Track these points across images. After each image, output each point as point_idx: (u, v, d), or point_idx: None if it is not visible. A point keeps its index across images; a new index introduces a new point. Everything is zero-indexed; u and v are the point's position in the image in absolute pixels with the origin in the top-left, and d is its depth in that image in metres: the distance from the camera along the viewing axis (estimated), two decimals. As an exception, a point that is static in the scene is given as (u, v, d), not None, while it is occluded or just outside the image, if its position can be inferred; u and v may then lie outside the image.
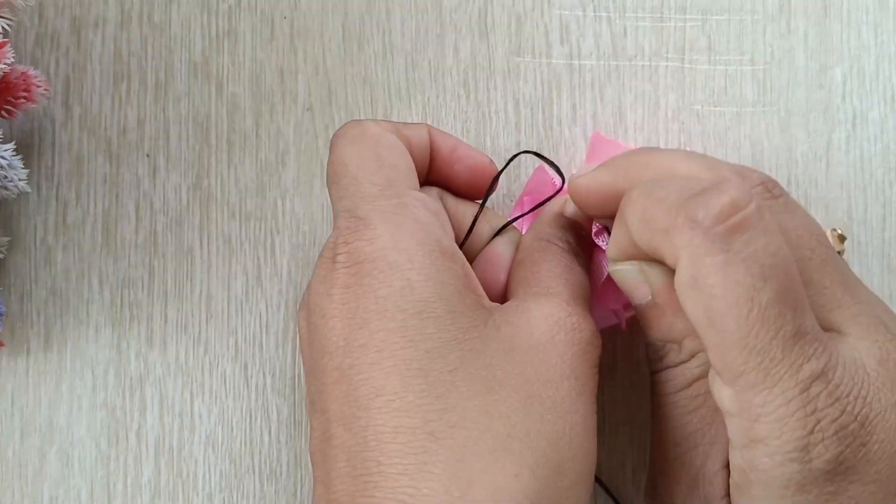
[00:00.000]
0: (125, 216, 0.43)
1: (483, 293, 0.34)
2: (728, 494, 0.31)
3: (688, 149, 0.43)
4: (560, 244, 0.36)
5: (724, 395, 0.30)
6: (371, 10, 0.43)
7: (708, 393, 0.32)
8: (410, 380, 0.30)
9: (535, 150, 0.43)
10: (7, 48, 0.37)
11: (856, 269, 0.43)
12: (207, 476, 0.42)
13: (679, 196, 0.29)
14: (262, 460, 0.42)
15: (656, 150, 0.37)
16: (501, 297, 0.36)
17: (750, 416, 0.29)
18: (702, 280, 0.28)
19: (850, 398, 0.28)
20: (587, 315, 0.34)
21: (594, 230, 0.37)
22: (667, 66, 0.43)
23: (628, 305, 0.38)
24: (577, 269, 0.35)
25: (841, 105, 0.43)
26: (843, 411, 0.28)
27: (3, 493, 0.42)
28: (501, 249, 0.37)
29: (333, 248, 0.33)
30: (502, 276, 0.36)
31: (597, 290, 0.37)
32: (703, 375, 0.33)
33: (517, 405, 0.30)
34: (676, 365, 0.33)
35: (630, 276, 0.33)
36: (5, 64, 0.37)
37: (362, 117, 0.43)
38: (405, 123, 0.37)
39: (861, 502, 0.29)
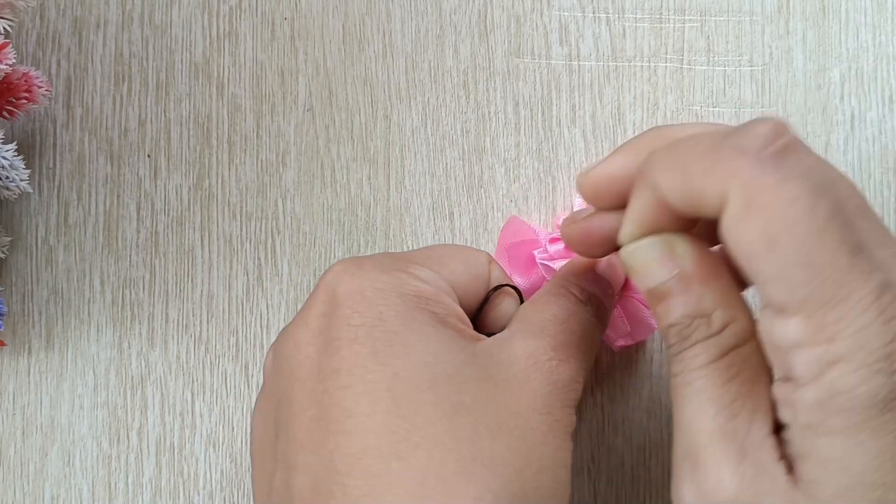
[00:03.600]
0: (126, 216, 0.43)
1: (468, 325, 0.34)
2: (782, 458, 0.30)
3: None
4: (577, 294, 0.35)
5: (788, 328, 0.28)
6: (371, 11, 0.44)
7: (744, 361, 0.31)
8: (378, 402, 0.30)
9: (534, 150, 0.43)
10: (8, 49, 0.37)
11: (854, 269, 0.43)
12: (208, 475, 0.42)
13: (712, 138, 0.29)
14: (263, 459, 0.42)
15: (668, 125, 0.35)
16: None
17: (825, 336, 0.27)
18: (758, 202, 0.27)
19: None
20: (572, 363, 0.33)
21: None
22: (666, 66, 0.44)
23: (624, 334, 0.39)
24: (585, 320, 0.35)
25: (839, 106, 0.44)
26: None
27: (4, 492, 0.42)
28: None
29: (315, 291, 0.34)
30: None
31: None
32: (740, 344, 0.31)
33: (484, 431, 0.30)
34: (707, 338, 0.31)
35: (654, 252, 0.31)
36: (7, 65, 0.37)
37: (363, 118, 0.43)
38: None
39: None
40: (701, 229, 0.32)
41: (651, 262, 0.31)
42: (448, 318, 0.33)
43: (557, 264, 0.39)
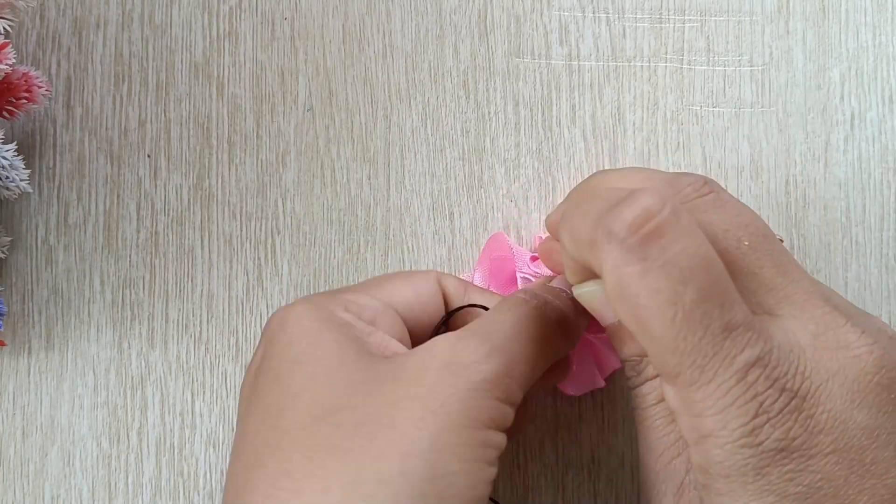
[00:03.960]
0: (126, 216, 0.43)
1: (402, 341, 0.35)
2: None
3: (684, 150, 0.43)
4: (523, 296, 0.36)
5: (669, 394, 0.30)
6: (371, 11, 0.44)
7: None
8: (265, 419, 0.33)
9: (534, 150, 0.43)
10: (8, 49, 0.37)
11: (853, 269, 0.43)
12: (208, 475, 0.42)
13: (599, 210, 0.30)
14: (263, 459, 0.42)
15: (608, 170, 0.38)
16: None
17: (694, 412, 0.29)
18: (625, 290, 0.29)
19: (789, 376, 0.29)
20: (497, 357, 0.33)
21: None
22: (666, 66, 0.44)
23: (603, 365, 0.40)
24: (524, 317, 0.35)
25: (839, 106, 0.44)
26: (783, 389, 0.29)
27: (4, 492, 0.42)
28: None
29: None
30: None
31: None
32: None
33: (347, 426, 0.31)
34: (655, 377, 0.33)
35: (596, 297, 0.33)
36: (7, 65, 0.37)
37: (363, 118, 0.43)
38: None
39: (827, 475, 0.29)
40: None
41: (597, 304, 0.33)
42: (365, 337, 0.34)
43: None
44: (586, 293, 0.33)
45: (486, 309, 0.37)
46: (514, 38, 0.44)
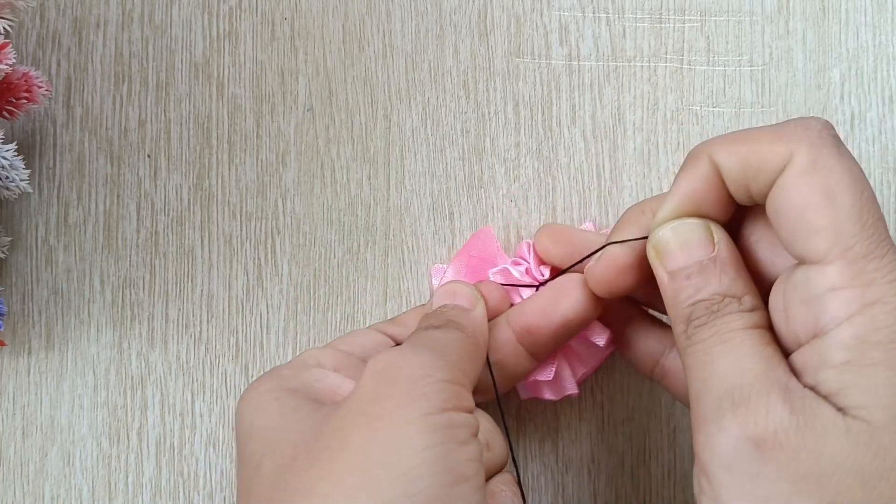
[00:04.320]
0: (126, 216, 0.43)
1: (332, 394, 0.35)
2: (825, 398, 0.32)
3: (684, 150, 0.43)
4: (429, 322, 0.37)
5: (828, 274, 0.31)
6: (371, 11, 0.44)
7: (772, 340, 0.33)
8: (240, 490, 0.34)
9: (534, 150, 0.43)
10: (8, 49, 0.37)
11: (854, 269, 0.43)
12: (208, 475, 0.43)
13: (775, 124, 0.34)
14: (263, 459, 0.42)
15: (649, 199, 0.39)
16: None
17: (864, 281, 0.31)
18: (822, 163, 0.32)
19: None
20: (417, 349, 0.34)
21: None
22: (666, 66, 0.44)
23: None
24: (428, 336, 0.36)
25: (839, 106, 0.44)
26: None
27: (4, 492, 0.42)
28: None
29: None
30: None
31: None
32: (766, 328, 0.34)
33: (305, 466, 0.31)
34: (741, 311, 0.34)
35: (696, 230, 0.34)
36: (7, 65, 0.37)
37: (363, 118, 0.43)
38: (407, 312, 0.41)
39: None
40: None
41: (692, 239, 0.34)
42: (314, 383, 0.35)
43: (525, 292, 0.40)
44: (686, 226, 0.35)
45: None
46: (514, 38, 0.44)
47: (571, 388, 0.40)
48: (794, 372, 0.32)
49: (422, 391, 0.32)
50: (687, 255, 0.34)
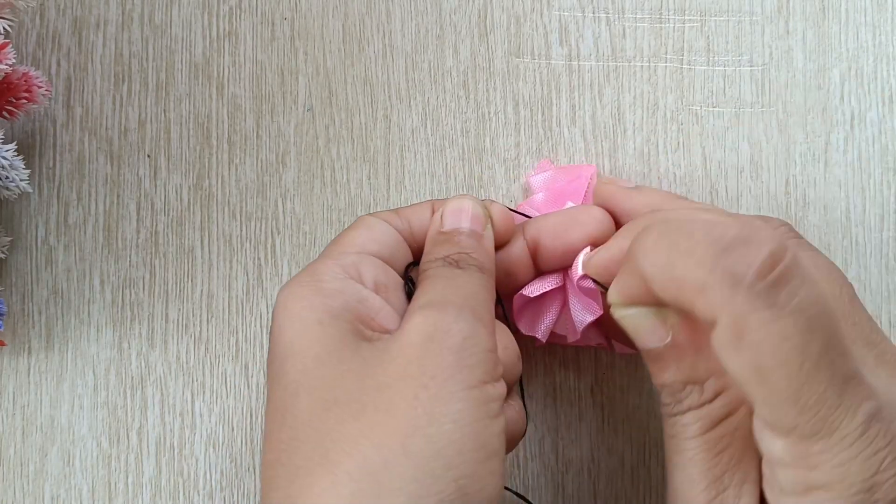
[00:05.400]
0: (126, 216, 0.43)
1: (376, 331, 0.34)
2: None
3: (684, 150, 0.43)
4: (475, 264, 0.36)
5: (775, 446, 0.29)
6: (371, 11, 0.44)
7: (736, 431, 0.32)
8: (272, 419, 0.33)
9: (534, 150, 0.43)
10: (8, 49, 0.37)
11: (854, 269, 0.43)
12: (208, 475, 0.43)
13: (709, 248, 0.28)
14: (263, 459, 0.42)
15: (668, 211, 0.36)
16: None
17: (808, 464, 0.28)
18: (748, 338, 0.28)
19: None
20: (461, 324, 0.33)
21: (576, 276, 0.37)
22: (665, 66, 0.44)
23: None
24: (466, 281, 0.35)
25: (839, 106, 0.44)
26: None
27: (4, 492, 0.42)
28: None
29: None
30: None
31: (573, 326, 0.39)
32: (730, 413, 0.32)
33: (348, 418, 0.31)
34: (700, 406, 0.32)
35: (645, 321, 0.32)
36: (7, 65, 0.37)
37: (363, 118, 0.43)
38: (410, 207, 0.39)
39: None
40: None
41: (644, 328, 0.33)
42: (367, 312, 0.34)
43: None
44: (638, 316, 0.32)
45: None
46: (514, 39, 0.44)
47: (586, 319, 0.39)
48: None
49: (466, 362, 0.32)
50: (640, 341, 0.33)
